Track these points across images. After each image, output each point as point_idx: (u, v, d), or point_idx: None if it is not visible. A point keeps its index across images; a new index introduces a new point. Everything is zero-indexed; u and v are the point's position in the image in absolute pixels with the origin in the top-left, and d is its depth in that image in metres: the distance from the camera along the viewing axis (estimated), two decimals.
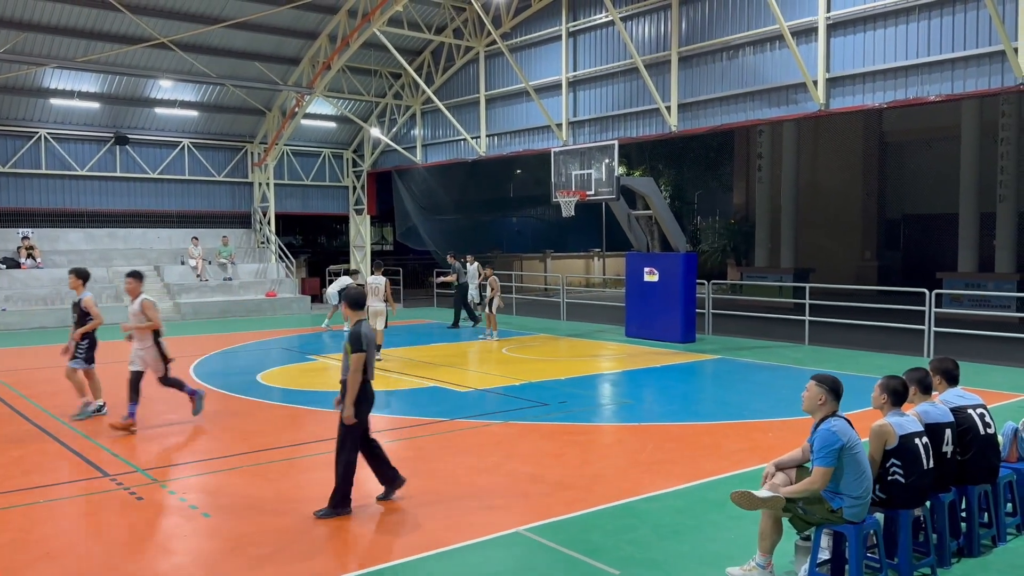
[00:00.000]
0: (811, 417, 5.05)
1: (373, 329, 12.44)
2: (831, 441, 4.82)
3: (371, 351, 6.44)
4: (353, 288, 6.85)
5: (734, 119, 17.52)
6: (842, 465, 4.83)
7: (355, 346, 6.35)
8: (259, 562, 5.49)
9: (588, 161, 16.54)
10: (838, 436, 4.82)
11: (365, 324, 6.55)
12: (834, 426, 4.87)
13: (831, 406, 4.98)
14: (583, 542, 5.76)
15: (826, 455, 4.83)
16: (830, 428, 4.87)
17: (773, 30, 16.28)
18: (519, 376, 12.88)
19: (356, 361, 6.32)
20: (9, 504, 6.74)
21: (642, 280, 17.27)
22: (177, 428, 9.58)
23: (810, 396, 5.02)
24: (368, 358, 6.39)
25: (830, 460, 4.83)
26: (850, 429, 4.90)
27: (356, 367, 6.32)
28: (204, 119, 25.02)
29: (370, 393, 6.52)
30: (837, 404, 5.00)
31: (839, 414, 4.97)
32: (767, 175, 30.51)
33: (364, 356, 6.34)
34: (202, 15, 20.86)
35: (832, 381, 5.02)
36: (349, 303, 6.68)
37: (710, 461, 7.86)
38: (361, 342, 6.34)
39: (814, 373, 5.24)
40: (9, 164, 22.28)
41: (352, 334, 6.42)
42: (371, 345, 6.44)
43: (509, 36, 22.08)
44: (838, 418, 4.94)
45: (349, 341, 6.39)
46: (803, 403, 5.07)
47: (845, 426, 4.89)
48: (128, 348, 9.62)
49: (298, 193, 27.59)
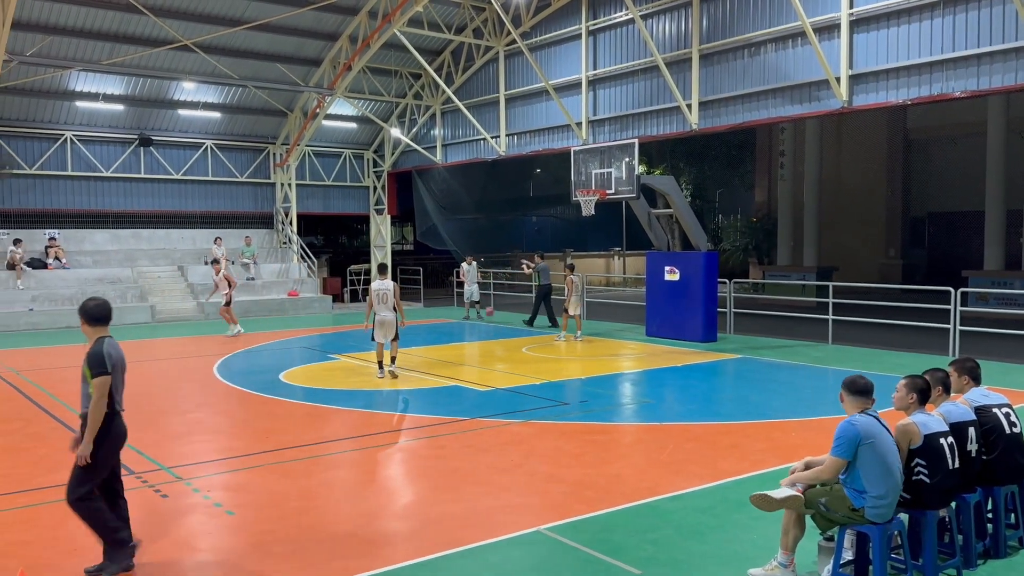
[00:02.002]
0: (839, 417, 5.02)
1: (379, 343, 12.31)
2: (848, 433, 4.80)
3: (116, 377, 5.24)
4: (92, 301, 5.49)
5: (756, 117, 17.40)
6: (860, 461, 4.78)
7: (96, 369, 5.16)
8: (282, 559, 5.53)
9: (608, 160, 16.51)
10: (856, 430, 4.78)
11: (108, 342, 5.32)
12: (855, 420, 4.84)
13: (852, 403, 4.93)
14: (604, 542, 5.75)
15: (839, 445, 4.81)
16: (851, 421, 4.85)
17: (795, 27, 16.15)
18: (539, 375, 12.88)
19: (99, 387, 5.15)
20: (37, 501, 6.84)
21: (663, 279, 17.21)
22: (201, 426, 9.68)
23: (844, 404, 5.00)
24: (114, 383, 5.24)
25: (842, 451, 4.80)
26: (874, 425, 4.83)
27: (99, 394, 5.16)
28: (227, 120, 25.24)
29: (118, 428, 5.38)
30: (863, 399, 4.92)
31: (870, 411, 4.92)
32: (789, 173, 30.28)
33: (108, 380, 5.19)
34: (224, 17, 21.04)
35: (848, 380, 4.99)
36: (88, 318, 5.39)
37: (731, 461, 7.81)
38: (104, 363, 5.19)
39: (837, 372, 5.22)
40: (36, 166, 22.59)
41: (92, 355, 5.24)
42: (118, 367, 5.28)
43: (529, 35, 22.08)
44: (865, 414, 4.89)
45: (88, 364, 5.20)
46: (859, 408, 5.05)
47: (869, 421, 4.84)
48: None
49: (319, 193, 27.76)
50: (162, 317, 21.98)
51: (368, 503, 6.80)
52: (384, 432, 9.39)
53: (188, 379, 13.07)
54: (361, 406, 10.71)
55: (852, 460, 4.80)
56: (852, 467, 4.82)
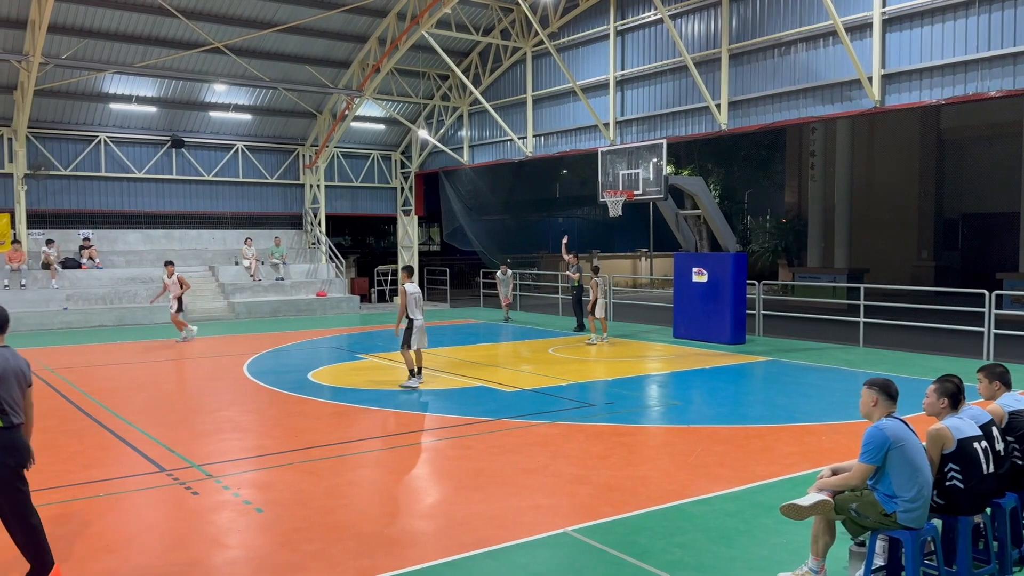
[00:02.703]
0: (870, 421, 4.94)
1: (419, 350, 11.94)
2: (877, 439, 4.73)
3: (5, 387, 4.77)
4: None
5: (786, 117, 17.24)
6: (889, 465, 4.72)
7: None
8: (310, 557, 5.57)
9: (636, 160, 16.45)
10: (885, 435, 4.71)
11: (5, 351, 4.93)
12: (883, 425, 4.77)
13: (885, 407, 4.87)
14: (631, 544, 5.73)
15: (867, 452, 4.74)
16: (879, 426, 4.77)
17: (826, 26, 15.98)
18: (565, 376, 12.85)
19: None
20: (71, 497, 6.95)
21: (691, 280, 17.10)
22: (231, 425, 9.78)
23: (864, 401, 4.94)
24: (3, 394, 4.79)
25: (870, 457, 4.73)
26: (902, 429, 4.77)
27: None
28: (257, 122, 25.50)
29: (19, 443, 4.92)
30: (893, 405, 4.89)
31: (895, 415, 4.86)
32: (820, 173, 29.95)
33: None
34: (255, 20, 21.27)
35: (882, 383, 4.92)
36: None
37: (761, 465, 7.74)
38: None
39: (868, 376, 5.14)
40: (71, 167, 22.98)
41: None
42: (8, 378, 4.84)
43: (556, 36, 22.06)
44: (892, 418, 4.82)
45: None
46: (860, 410, 4.98)
47: (897, 426, 4.77)
48: None
49: (348, 194, 27.95)
50: (193, 316, 22.20)
51: (394, 502, 6.83)
52: (410, 432, 9.43)
53: (219, 378, 13.22)
54: (388, 406, 10.76)
55: (881, 465, 4.74)
56: (882, 472, 4.75)
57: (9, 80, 20.96)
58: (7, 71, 20.62)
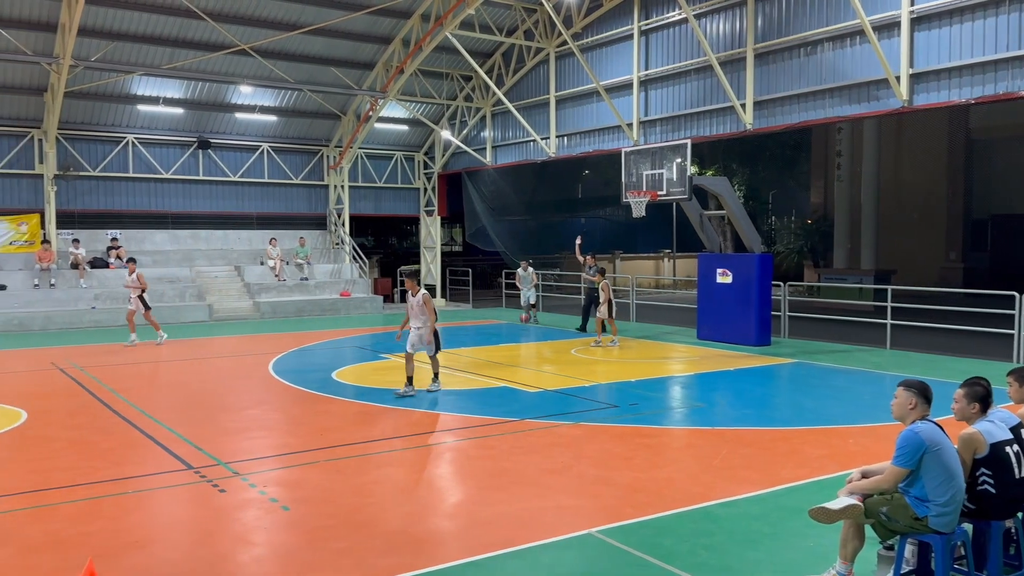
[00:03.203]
0: (901, 424, 4.89)
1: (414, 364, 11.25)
2: (912, 443, 4.67)
3: None
4: None
5: (812, 116, 17.10)
6: (923, 469, 4.66)
7: None
8: (336, 555, 5.61)
9: (660, 161, 16.38)
10: (921, 439, 4.65)
11: None
12: (919, 428, 4.71)
13: (921, 410, 4.82)
14: (656, 546, 5.71)
15: (902, 455, 4.69)
16: (914, 430, 4.71)
17: (853, 25, 15.83)
18: (588, 377, 12.83)
19: None
20: (101, 494, 7.04)
21: (715, 281, 17.01)
22: (257, 423, 9.87)
23: (899, 402, 4.87)
24: None
25: (905, 461, 4.68)
26: (938, 432, 4.71)
27: None
28: (282, 124, 25.69)
29: None
30: (928, 408, 4.83)
31: (929, 418, 4.80)
32: (847, 174, 29.66)
33: None
34: (281, 21, 21.43)
35: (921, 385, 4.86)
36: None
37: (787, 467, 7.68)
38: None
39: (896, 378, 5.08)
40: (99, 168, 23.28)
41: None
42: None
43: (580, 36, 22.03)
44: (927, 422, 4.77)
45: None
46: (893, 410, 4.92)
47: (933, 429, 4.71)
48: None
49: (371, 195, 28.09)
50: (219, 316, 22.47)
51: (419, 502, 6.85)
52: (434, 432, 9.46)
53: (245, 376, 13.34)
54: (411, 406, 10.80)
55: (915, 469, 4.68)
56: (915, 475, 4.69)
57: (40, 82, 21.29)
58: (38, 74, 20.94)
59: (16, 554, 5.66)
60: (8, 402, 10.93)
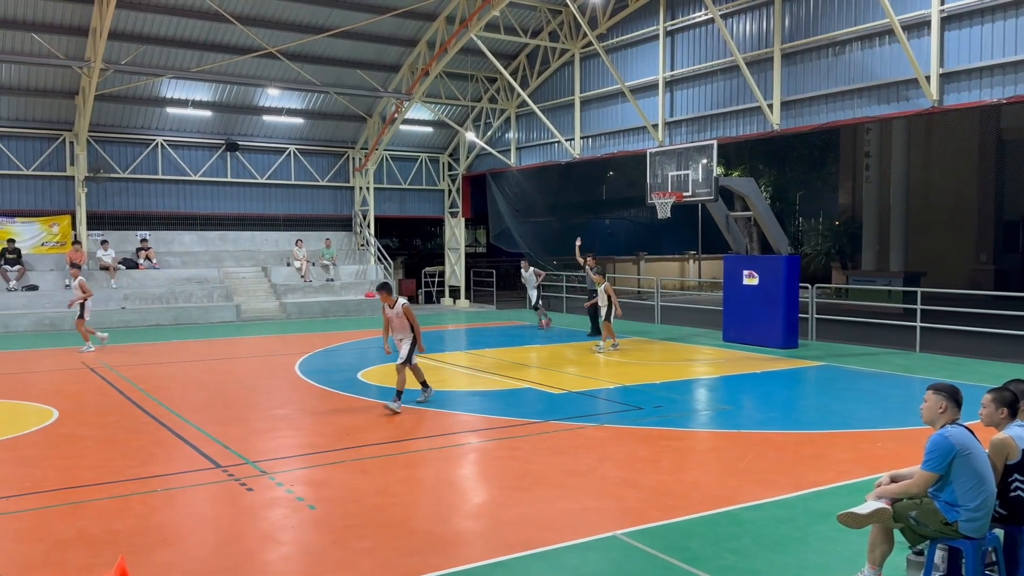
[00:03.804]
0: (931, 428, 4.82)
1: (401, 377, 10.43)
2: (942, 447, 4.60)
3: None
4: None
5: (840, 117, 16.93)
6: (954, 474, 4.60)
7: None
8: (361, 555, 5.64)
9: (685, 162, 16.30)
10: (951, 443, 4.59)
11: None
12: (949, 433, 4.64)
13: (951, 414, 4.75)
14: (682, 549, 5.67)
15: (932, 460, 4.62)
16: (944, 434, 4.65)
17: (883, 24, 15.65)
18: (613, 379, 12.79)
19: None
20: (130, 492, 7.13)
21: (741, 283, 16.89)
22: (284, 422, 9.95)
23: (929, 406, 4.80)
24: None
25: (935, 466, 4.61)
26: (968, 437, 4.65)
27: None
28: (309, 126, 25.89)
29: None
30: (958, 412, 4.76)
31: (959, 422, 4.74)
32: (875, 175, 29.33)
33: None
34: (308, 25, 21.60)
35: (951, 389, 4.79)
36: None
37: (814, 471, 7.61)
38: None
39: (925, 381, 5.02)
40: (128, 170, 23.60)
41: None
42: None
43: (605, 37, 21.98)
44: (957, 426, 4.70)
45: None
46: (922, 414, 4.85)
47: (963, 434, 4.64)
48: None
49: (396, 197, 28.22)
50: (246, 316, 22.69)
51: (443, 502, 6.87)
52: (458, 432, 9.48)
53: (272, 376, 13.45)
54: (436, 406, 10.83)
55: (945, 474, 4.62)
56: (945, 480, 4.63)
57: (71, 86, 21.63)
58: (70, 77, 21.28)
59: (48, 550, 5.76)
60: (40, 400, 11.11)
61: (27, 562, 5.55)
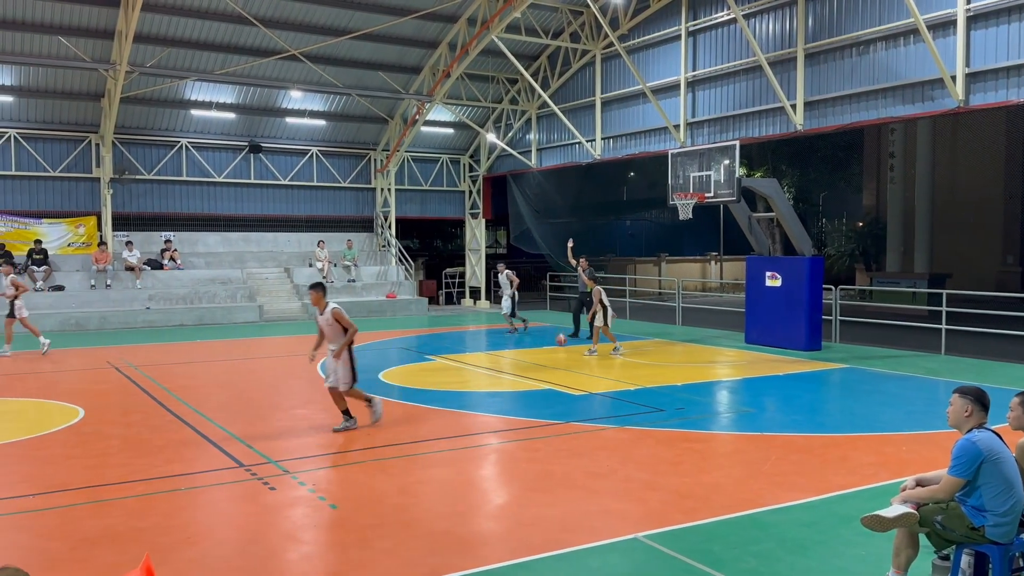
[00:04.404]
0: (957, 431, 4.76)
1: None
2: (970, 452, 4.54)
3: None
4: None
5: (864, 117, 16.77)
6: (981, 479, 4.54)
7: None
8: (383, 555, 5.65)
9: (707, 162, 16.22)
10: (979, 448, 4.53)
11: None
12: (976, 437, 4.58)
13: (978, 418, 4.69)
14: (704, 552, 5.64)
15: (959, 465, 4.56)
16: (971, 439, 4.59)
17: (907, 24, 15.50)
18: (634, 381, 12.75)
19: None
20: (155, 490, 7.20)
21: (763, 285, 16.77)
22: (307, 422, 10.01)
23: (955, 410, 4.74)
24: None
25: (962, 471, 4.56)
26: (996, 441, 4.59)
27: None
28: (331, 128, 26.04)
29: None
30: (985, 416, 4.70)
31: (986, 426, 4.67)
32: (900, 175, 29.03)
33: None
34: (330, 27, 21.73)
35: (977, 391, 4.73)
36: None
37: (838, 475, 7.54)
38: None
39: (950, 384, 4.96)
40: (153, 171, 23.85)
41: None
42: None
43: (626, 38, 21.93)
44: (984, 430, 4.64)
45: None
46: (948, 418, 4.79)
47: (991, 438, 4.58)
48: None
49: (417, 198, 28.31)
50: (269, 316, 22.85)
51: (464, 502, 6.88)
52: (479, 433, 9.49)
53: (294, 376, 13.53)
54: (456, 407, 10.85)
55: (973, 479, 4.56)
56: (972, 485, 4.57)
57: (97, 88, 21.90)
58: (96, 80, 21.55)
59: (74, 547, 5.83)
60: (66, 399, 11.26)
61: (54, 559, 5.62)
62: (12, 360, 15.12)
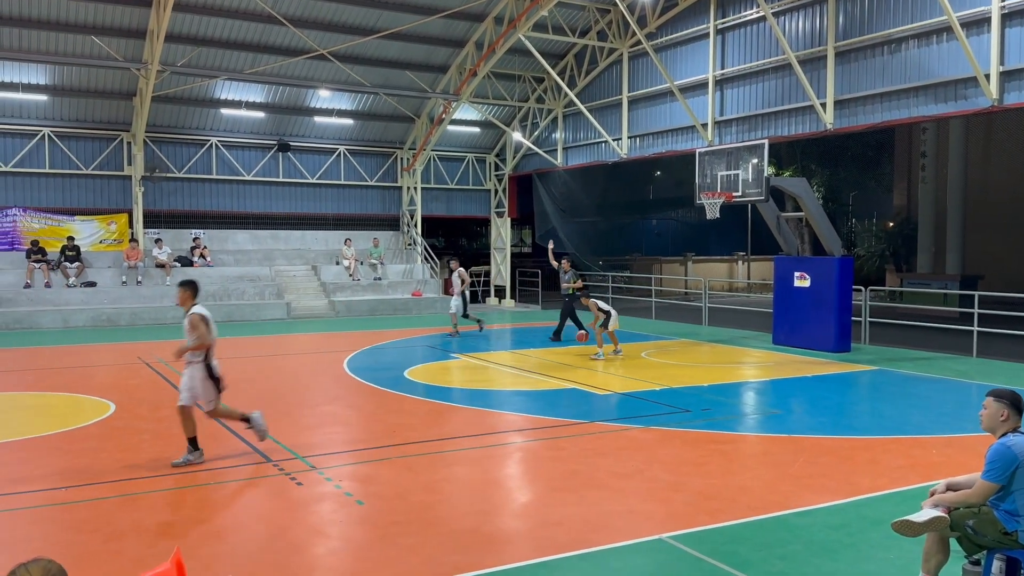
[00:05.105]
0: (990, 435, 4.69)
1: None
2: (1005, 457, 4.47)
3: None
4: None
5: (896, 116, 16.55)
6: (1016, 484, 4.46)
7: None
8: (407, 551, 5.68)
9: (735, 161, 16.09)
10: (1014, 452, 4.45)
11: None
12: (1011, 442, 4.50)
13: (1014, 422, 4.61)
14: (730, 554, 5.60)
15: (993, 470, 4.48)
16: (1006, 443, 4.51)
17: (940, 22, 15.27)
18: (659, 381, 12.69)
19: None
20: (184, 484, 7.30)
21: (792, 285, 16.61)
22: (333, 419, 10.08)
23: (989, 413, 4.67)
24: None
25: (996, 476, 4.48)
26: None
27: None
28: (358, 127, 26.19)
29: None
30: (1020, 420, 4.62)
31: (1021, 430, 4.60)
32: (931, 175, 28.61)
33: None
34: (358, 27, 21.85)
35: (1012, 395, 4.65)
36: None
37: (867, 477, 7.45)
38: None
39: (982, 387, 4.88)
40: (184, 170, 24.14)
41: None
42: None
43: (654, 36, 21.82)
44: (1019, 434, 4.56)
45: None
46: (982, 421, 4.72)
47: None
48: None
49: (443, 196, 28.39)
50: (297, 314, 23.03)
51: (489, 501, 6.89)
52: (503, 431, 9.49)
53: (321, 373, 13.64)
54: (481, 405, 10.87)
55: (1007, 484, 4.48)
56: (1007, 490, 4.49)
57: (129, 87, 22.20)
58: (128, 79, 21.85)
59: (104, 540, 5.92)
60: (98, 394, 11.44)
61: (85, 552, 5.71)
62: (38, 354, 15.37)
